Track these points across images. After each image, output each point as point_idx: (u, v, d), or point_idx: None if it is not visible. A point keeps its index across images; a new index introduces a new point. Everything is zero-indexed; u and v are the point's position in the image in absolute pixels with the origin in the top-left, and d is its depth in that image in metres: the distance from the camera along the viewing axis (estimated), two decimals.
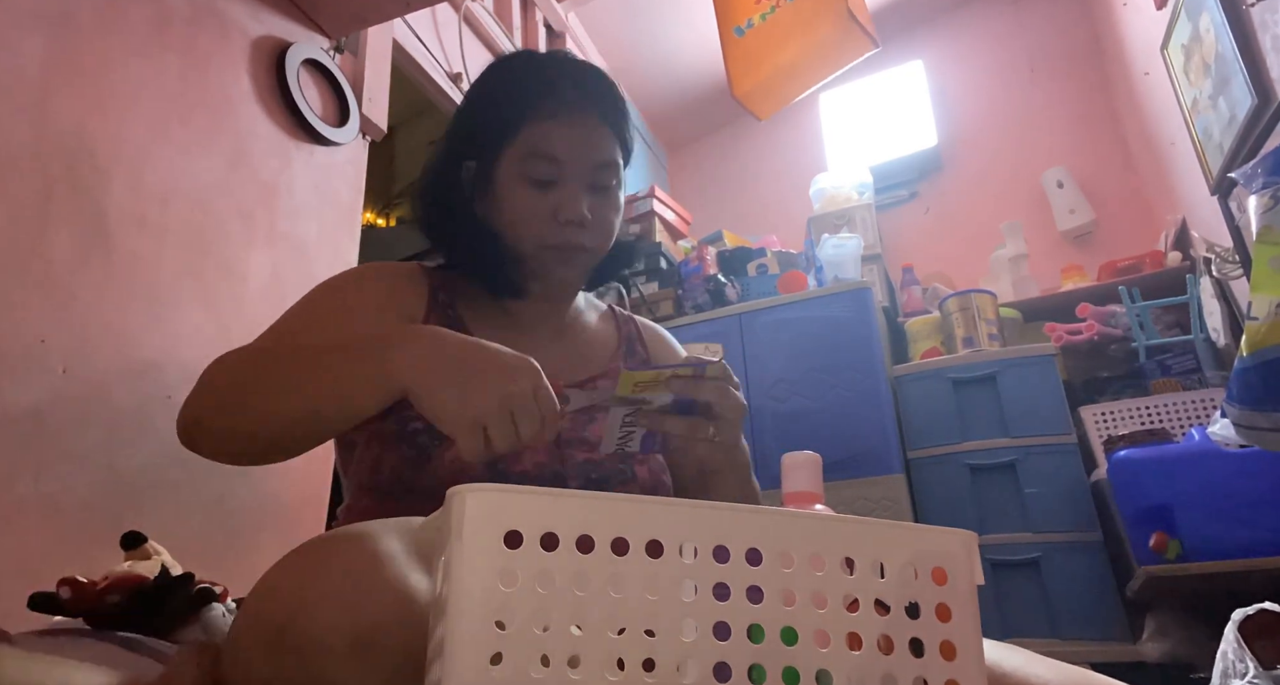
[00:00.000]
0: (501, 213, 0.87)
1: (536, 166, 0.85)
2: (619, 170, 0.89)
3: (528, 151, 0.85)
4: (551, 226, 0.85)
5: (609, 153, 0.88)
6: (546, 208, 0.85)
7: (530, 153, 0.85)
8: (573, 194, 0.85)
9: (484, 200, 0.89)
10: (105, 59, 1.36)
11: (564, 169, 0.85)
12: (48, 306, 1.20)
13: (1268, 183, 1.20)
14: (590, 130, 0.86)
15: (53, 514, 1.15)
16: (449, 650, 0.37)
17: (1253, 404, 1.19)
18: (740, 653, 0.41)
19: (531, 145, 0.85)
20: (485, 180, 0.88)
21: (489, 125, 0.88)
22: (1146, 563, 1.72)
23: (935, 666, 0.44)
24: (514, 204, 0.86)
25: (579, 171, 0.85)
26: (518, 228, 0.86)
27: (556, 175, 0.85)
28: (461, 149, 0.91)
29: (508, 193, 0.86)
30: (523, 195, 0.85)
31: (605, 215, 0.88)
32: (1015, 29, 3.34)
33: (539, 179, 0.85)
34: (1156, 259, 2.58)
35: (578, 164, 0.85)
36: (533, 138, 0.85)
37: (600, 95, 0.88)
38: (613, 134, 0.88)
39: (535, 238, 0.85)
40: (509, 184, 0.86)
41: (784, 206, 3.47)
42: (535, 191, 0.85)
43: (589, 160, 0.86)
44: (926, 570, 0.45)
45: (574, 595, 0.39)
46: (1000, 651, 0.62)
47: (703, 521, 0.43)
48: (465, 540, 0.38)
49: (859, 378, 2.31)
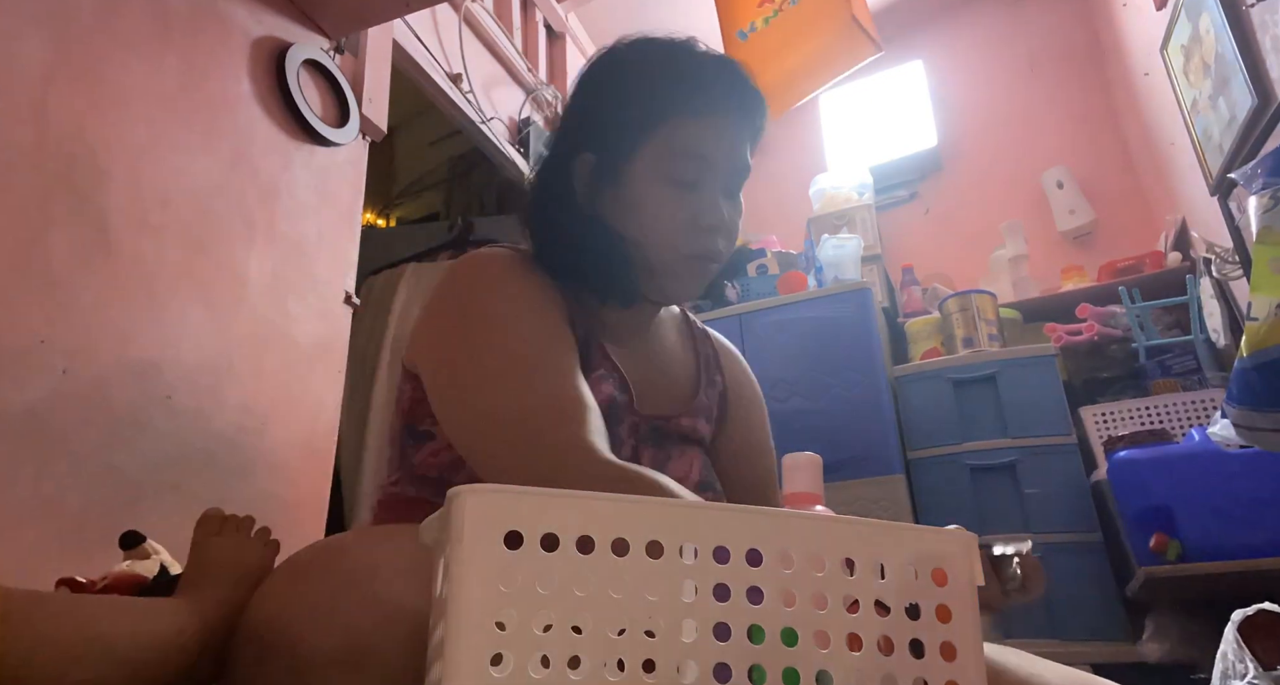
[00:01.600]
0: (633, 215, 0.80)
1: (683, 167, 0.78)
2: (749, 175, 0.84)
3: (674, 150, 0.78)
4: (691, 233, 0.79)
5: (748, 155, 0.83)
6: (688, 212, 0.78)
7: (678, 152, 0.78)
8: (715, 198, 0.79)
9: (606, 198, 0.81)
10: (105, 59, 1.36)
11: (710, 171, 0.79)
12: (48, 306, 1.20)
13: (1268, 183, 1.20)
14: (736, 131, 0.81)
15: (52, 514, 1.15)
16: (449, 651, 0.37)
17: (1253, 404, 1.19)
18: (740, 653, 0.41)
19: (680, 143, 0.78)
20: (611, 176, 0.81)
21: (626, 116, 0.80)
22: (1146, 563, 1.72)
23: (935, 667, 0.44)
24: (652, 207, 0.79)
25: (723, 174, 0.80)
26: (654, 233, 0.79)
27: (700, 177, 0.79)
28: (580, 140, 0.83)
29: (644, 193, 0.79)
30: (663, 197, 0.78)
31: (734, 221, 0.82)
32: (1015, 29, 3.34)
33: (683, 180, 0.78)
34: (1156, 259, 2.58)
35: (724, 166, 0.80)
36: (681, 135, 0.78)
37: (748, 97, 0.82)
38: (753, 137, 0.83)
39: (672, 244, 0.79)
40: (646, 183, 0.79)
41: (784, 207, 3.47)
42: (676, 193, 0.79)
43: (733, 163, 0.81)
44: (926, 571, 0.45)
45: (574, 596, 0.39)
46: (1004, 654, 0.62)
47: (703, 522, 0.43)
48: (465, 541, 0.38)
49: (859, 378, 2.31)
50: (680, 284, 0.82)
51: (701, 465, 0.87)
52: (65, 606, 0.52)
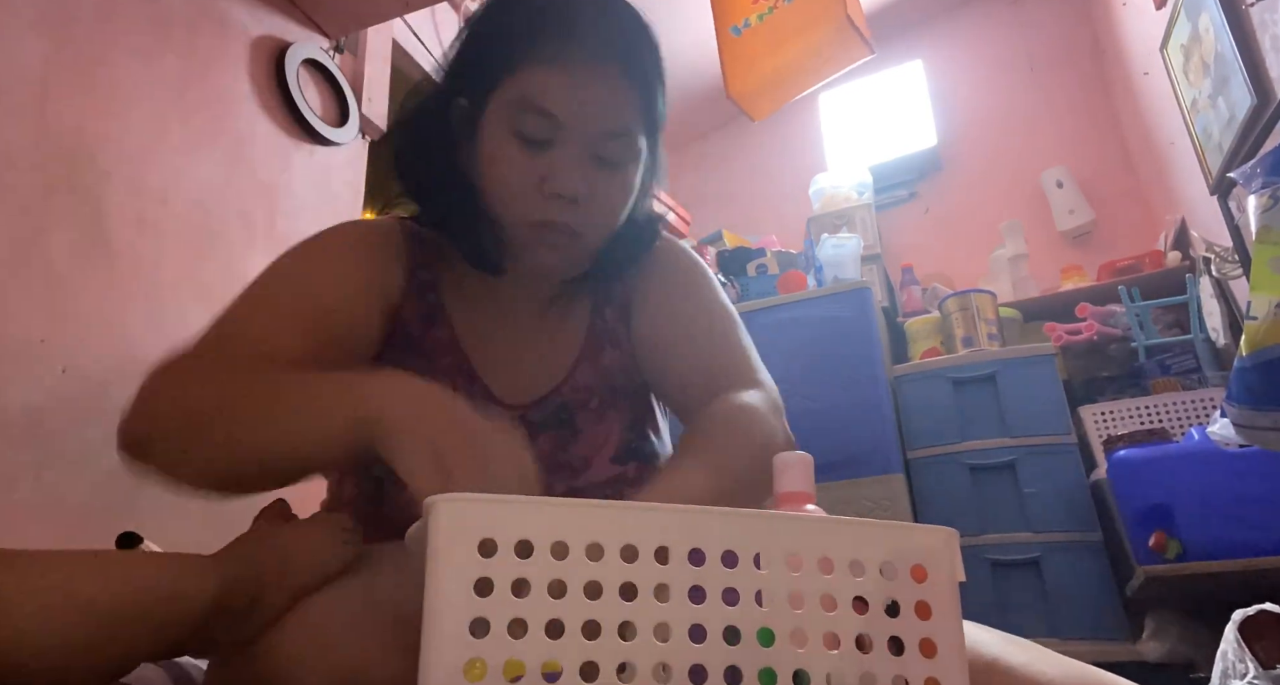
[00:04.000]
0: (482, 169, 0.70)
1: (527, 121, 0.66)
2: (636, 144, 0.70)
3: (519, 100, 0.67)
4: (536, 199, 0.68)
5: (625, 119, 0.69)
6: (534, 174, 0.67)
7: (522, 102, 0.66)
8: (568, 163, 0.67)
9: (468, 149, 0.72)
10: (105, 59, 1.36)
11: (563, 130, 0.67)
12: (48, 306, 1.20)
13: (1267, 182, 1.20)
14: (607, 88, 0.67)
15: (52, 514, 1.15)
16: (424, 659, 0.37)
17: (1252, 404, 1.19)
18: (717, 655, 0.41)
19: (525, 93, 0.66)
20: (470, 125, 0.71)
21: (482, 58, 0.70)
22: (1146, 563, 1.72)
23: (915, 664, 0.43)
24: (496, 162, 0.68)
25: (582, 136, 0.67)
26: (497, 192, 0.69)
27: (552, 136, 0.67)
28: (454, 83, 0.73)
29: (491, 146, 0.69)
30: (507, 153, 0.68)
31: (608, 194, 0.70)
32: (1015, 29, 3.34)
33: (530, 137, 0.67)
34: (1156, 259, 2.58)
35: (582, 127, 0.67)
36: (528, 84, 0.66)
37: (629, 43, 0.69)
38: (638, 96, 0.69)
39: (516, 209, 0.69)
40: (493, 136, 0.68)
41: (783, 206, 3.47)
42: (524, 151, 0.67)
43: (598, 125, 0.67)
44: (906, 568, 0.45)
45: (549, 601, 0.39)
46: (1007, 646, 0.61)
47: (678, 525, 0.43)
48: (439, 550, 0.39)
49: (858, 378, 2.31)
50: (532, 255, 0.71)
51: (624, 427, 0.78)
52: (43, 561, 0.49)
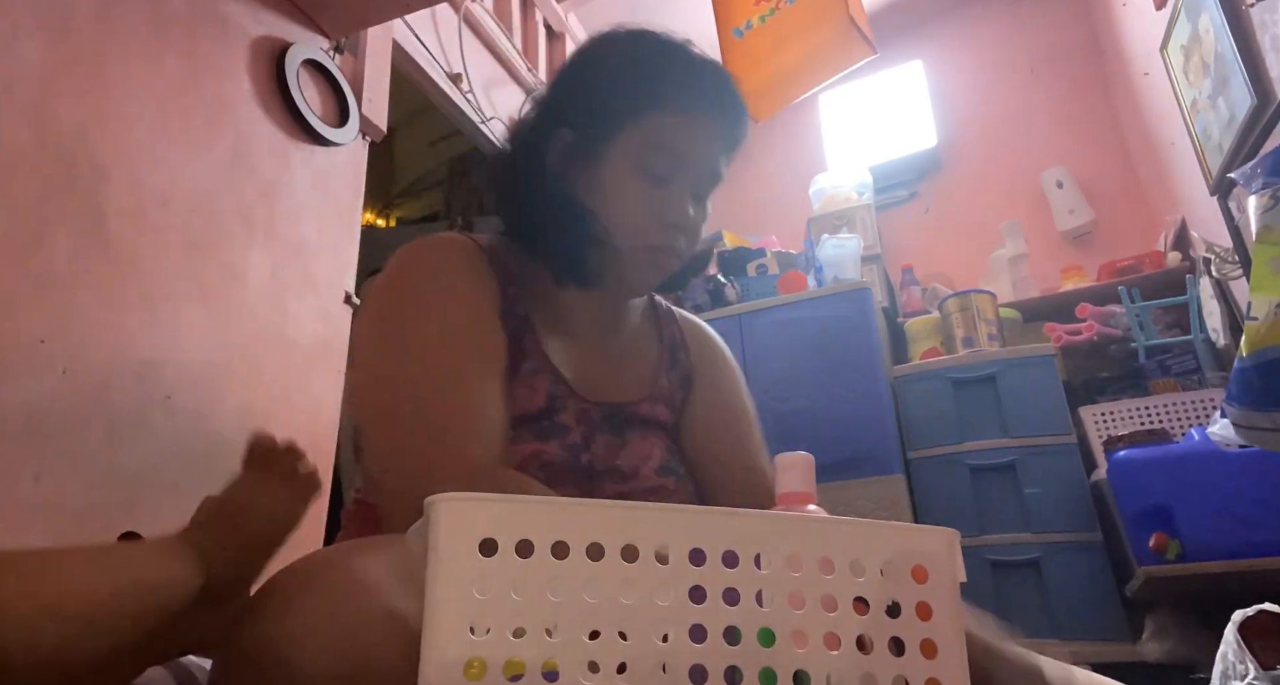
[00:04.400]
0: (601, 197, 0.81)
1: (656, 160, 0.80)
2: (720, 184, 0.86)
3: (652, 142, 0.80)
4: (655, 226, 0.80)
5: (722, 164, 0.84)
6: (654, 206, 0.80)
7: (654, 144, 0.80)
8: (683, 197, 0.81)
9: (577, 177, 0.83)
10: (105, 59, 1.36)
11: (682, 169, 0.81)
12: (48, 306, 1.20)
13: (1267, 183, 1.20)
14: (716, 138, 0.83)
15: (53, 514, 1.15)
16: (424, 659, 0.37)
17: (1252, 404, 1.19)
18: (717, 655, 0.41)
19: (658, 136, 0.80)
20: (586, 156, 0.82)
21: (612, 99, 0.81)
22: (1146, 563, 1.72)
23: (916, 665, 0.43)
24: (621, 193, 0.80)
25: (694, 176, 0.82)
26: (619, 219, 0.80)
27: (672, 174, 0.80)
28: (561, 116, 0.84)
29: (615, 178, 0.80)
30: (633, 186, 0.80)
31: (700, 224, 0.85)
32: (1014, 29, 3.34)
33: (655, 173, 0.80)
34: (1156, 259, 2.58)
35: (696, 168, 0.82)
36: (661, 129, 0.80)
37: (733, 108, 0.84)
38: (729, 147, 0.85)
39: (636, 235, 0.80)
40: (618, 169, 0.80)
41: (784, 207, 3.47)
42: (647, 185, 0.80)
43: (706, 167, 0.82)
44: (906, 569, 0.45)
45: (549, 601, 0.39)
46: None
47: (679, 525, 0.43)
48: (439, 549, 0.39)
49: (859, 378, 2.31)
50: (637, 274, 0.83)
51: (664, 449, 0.87)
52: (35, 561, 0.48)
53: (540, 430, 0.78)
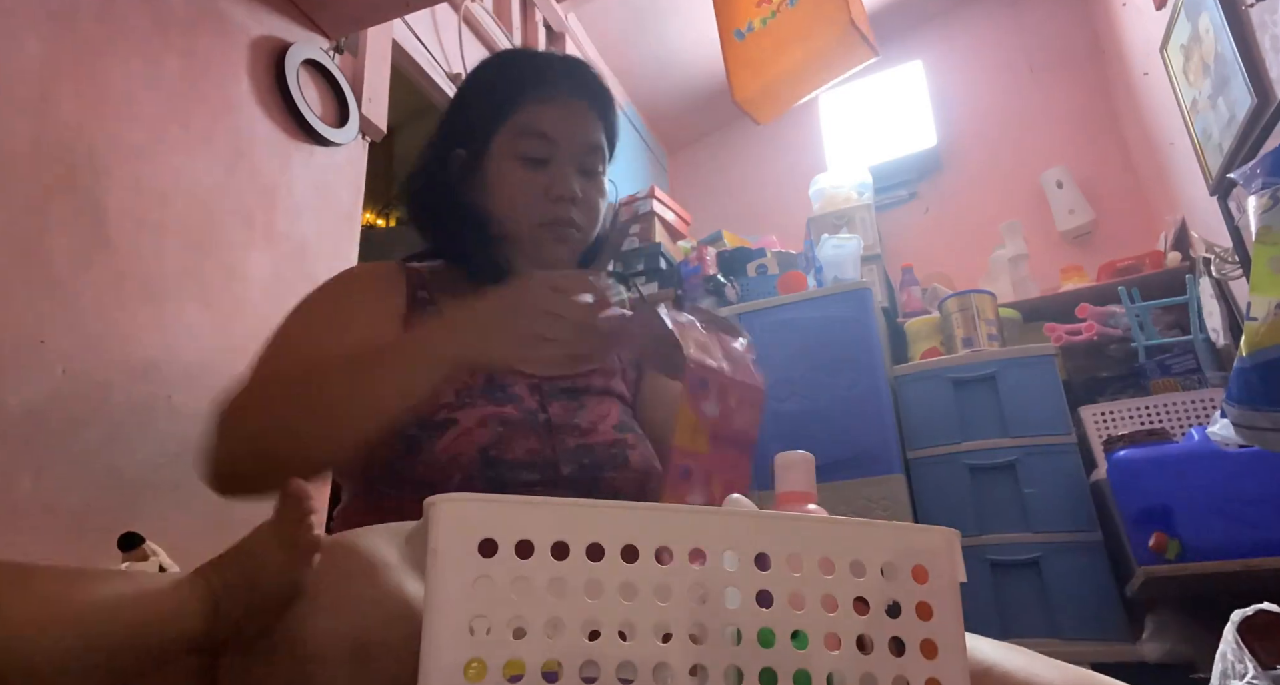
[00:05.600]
0: (493, 194, 0.89)
1: (529, 145, 0.87)
2: (605, 156, 0.93)
3: (520, 132, 0.88)
4: (544, 204, 0.87)
5: (597, 137, 0.91)
6: (539, 186, 0.87)
7: (523, 132, 0.88)
8: (564, 172, 0.88)
9: (473, 186, 0.91)
10: (105, 59, 1.36)
11: (556, 148, 0.88)
12: (48, 306, 1.20)
13: (1267, 183, 1.20)
14: (581, 114, 0.90)
15: (52, 514, 1.15)
16: (424, 659, 0.37)
17: (1252, 404, 1.19)
18: (718, 655, 0.41)
19: (525, 125, 0.88)
20: (475, 165, 0.90)
21: (482, 110, 0.91)
22: (1146, 563, 1.72)
23: (916, 665, 0.43)
24: (506, 183, 0.88)
25: (570, 152, 0.88)
26: (510, 206, 0.88)
27: (549, 154, 0.88)
28: (451, 139, 0.93)
29: (499, 173, 0.89)
30: (515, 174, 0.88)
31: (592, 197, 0.90)
32: (1015, 29, 3.34)
33: (532, 157, 0.87)
34: (1156, 259, 2.58)
35: (569, 144, 0.88)
36: (526, 118, 0.88)
37: (589, 85, 0.92)
38: (601, 122, 0.92)
39: (528, 215, 0.88)
40: (501, 165, 0.89)
41: (784, 206, 3.47)
42: (528, 170, 0.88)
43: (579, 141, 0.89)
44: (907, 569, 0.45)
45: (549, 601, 0.39)
46: (1002, 652, 0.62)
47: (678, 526, 0.43)
48: (440, 550, 0.39)
49: (859, 378, 2.31)
50: (542, 251, 0.89)
51: (620, 411, 0.92)
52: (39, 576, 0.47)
53: (495, 399, 0.82)
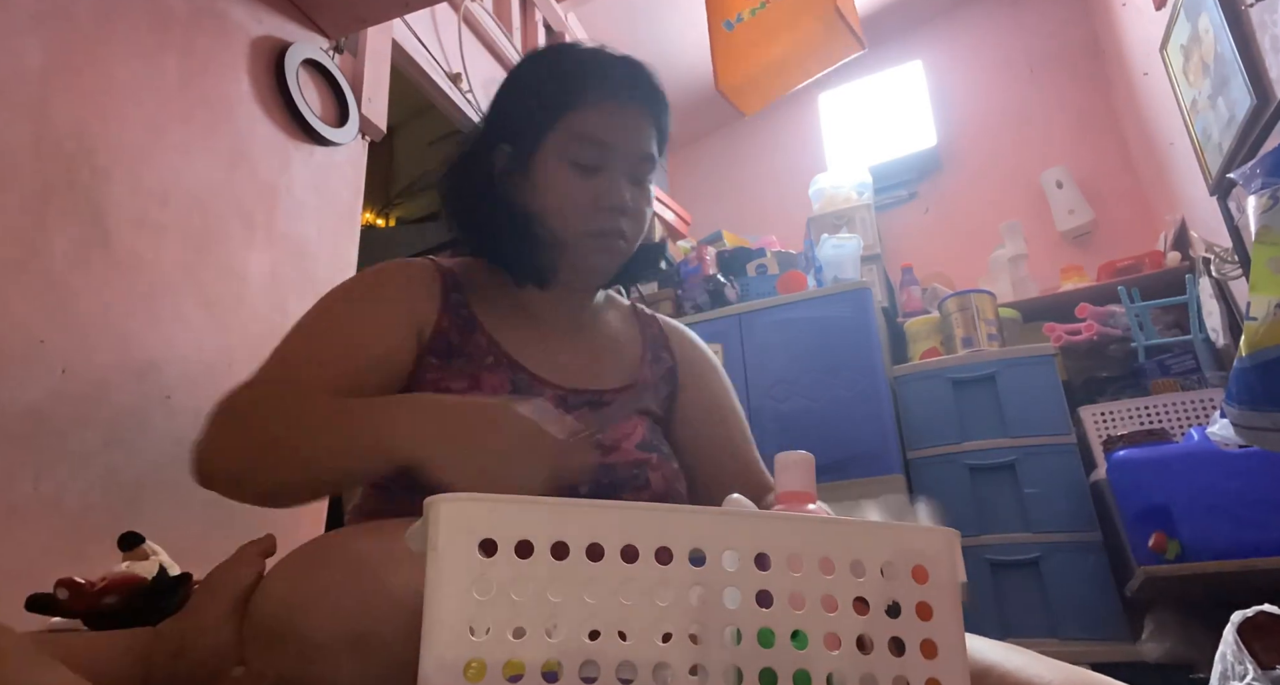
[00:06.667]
0: (540, 197, 0.86)
1: (583, 151, 0.84)
2: (655, 166, 0.89)
3: (575, 136, 0.84)
4: (593, 212, 0.84)
5: (651, 145, 0.88)
6: (589, 193, 0.84)
7: (577, 137, 0.84)
8: (616, 181, 0.85)
9: (519, 185, 0.88)
10: (105, 59, 1.36)
11: (610, 156, 0.85)
12: (48, 306, 1.20)
13: (1266, 183, 1.20)
14: (637, 121, 0.86)
15: (52, 514, 1.15)
16: (423, 659, 0.37)
17: (1252, 404, 1.19)
18: (717, 655, 0.41)
19: (579, 130, 0.84)
20: (522, 164, 0.87)
21: (534, 108, 0.86)
22: (1146, 563, 1.72)
23: (916, 665, 0.43)
24: (556, 188, 0.84)
25: (624, 160, 0.85)
26: (559, 212, 0.85)
27: (602, 162, 0.84)
28: (498, 134, 0.89)
29: (549, 176, 0.85)
30: (566, 179, 0.84)
31: (641, 207, 0.88)
32: (1015, 29, 3.34)
33: (584, 164, 0.84)
34: (1156, 259, 2.58)
35: (624, 152, 0.85)
36: (581, 123, 0.84)
37: (648, 90, 0.88)
38: (654, 130, 0.89)
39: (576, 223, 0.84)
40: (551, 168, 0.85)
41: (783, 207, 3.47)
42: (579, 177, 0.84)
43: (634, 150, 0.86)
44: (907, 569, 0.45)
45: (548, 601, 0.39)
46: (1002, 652, 0.62)
47: (677, 526, 0.43)
48: (439, 549, 0.39)
49: (858, 378, 2.31)
50: (588, 260, 0.87)
51: (647, 429, 0.89)
52: None
53: None
